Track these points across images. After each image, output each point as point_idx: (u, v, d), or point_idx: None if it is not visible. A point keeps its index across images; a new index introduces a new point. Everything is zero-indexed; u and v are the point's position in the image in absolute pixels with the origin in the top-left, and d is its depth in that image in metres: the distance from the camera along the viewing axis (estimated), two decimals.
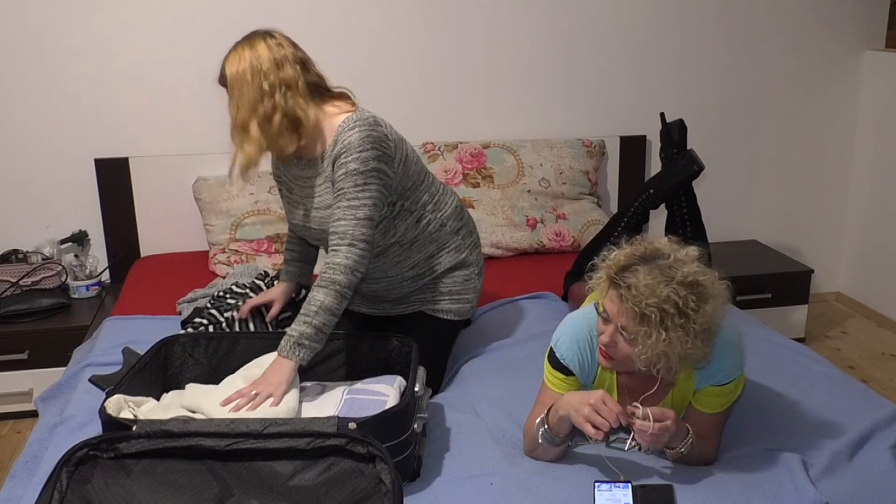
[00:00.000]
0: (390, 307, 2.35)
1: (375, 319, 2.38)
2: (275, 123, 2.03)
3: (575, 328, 1.82)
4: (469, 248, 2.34)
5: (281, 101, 2.03)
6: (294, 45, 2.10)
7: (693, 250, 1.69)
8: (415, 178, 2.21)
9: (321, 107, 2.12)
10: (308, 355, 1.92)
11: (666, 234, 2.75)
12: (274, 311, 2.33)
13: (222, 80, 2.08)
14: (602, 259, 1.74)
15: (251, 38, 2.07)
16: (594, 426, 1.65)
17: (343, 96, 2.17)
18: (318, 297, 1.96)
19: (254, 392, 1.84)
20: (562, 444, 1.79)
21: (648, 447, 1.69)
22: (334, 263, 1.99)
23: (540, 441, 1.79)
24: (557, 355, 1.83)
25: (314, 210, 2.16)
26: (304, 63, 2.10)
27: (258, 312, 2.39)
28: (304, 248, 2.37)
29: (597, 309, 1.74)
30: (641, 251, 1.68)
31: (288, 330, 1.94)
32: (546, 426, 1.76)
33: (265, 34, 2.08)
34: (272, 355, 1.96)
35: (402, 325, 2.33)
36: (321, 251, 2.40)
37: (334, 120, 2.10)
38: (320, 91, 2.13)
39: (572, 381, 1.83)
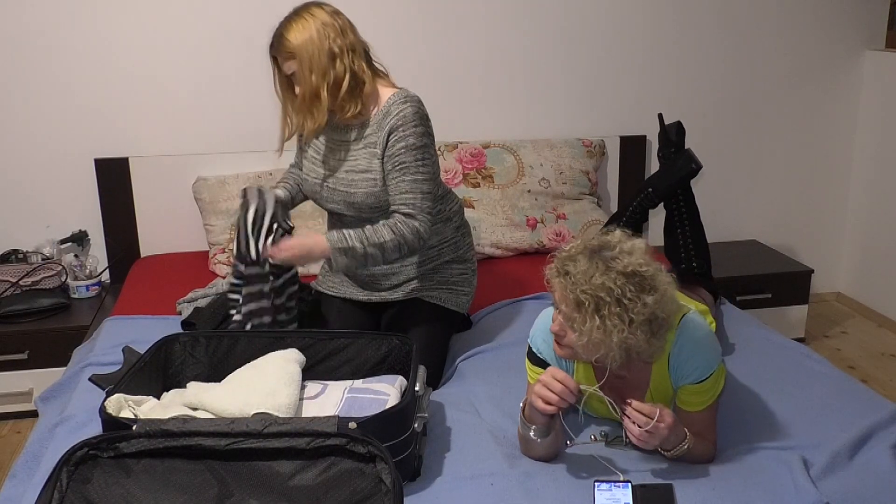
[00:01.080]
0: (387, 293, 2.38)
1: (372, 307, 2.41)
2: (343, 87, 2.13)
3: (548, 322, 1.84)
4: (466, 247, 2.43)
5: (350, 64, 2.14)
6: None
7: (640, 242, 1.71)
8: (435, 167, 2.30)
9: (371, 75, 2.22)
10: (343, 264, 2.12)
11: (665, 234, 2.78)
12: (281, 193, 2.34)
13: (280, 51, 2.13)
14: (559, 251, 1.77)
15: (307, 8, 2.15)
16: (545, 401, 1.68)
17: (383, 73, 2.28)
18: (384, 235, 2.13)
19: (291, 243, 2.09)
20: (541, 434, 1.79)
21: (640, 438, 1.70)
22: (409, 223, 2.14)
23: (521, 432, 1.80)
24: (533, 349, 1.88)
25: (345, 172, 2.24)
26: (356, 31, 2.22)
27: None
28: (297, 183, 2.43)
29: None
30: (591, 243, 1.70)
31: (346, 232, 2.12)
32: (522, 415, 1.80)
33: (318, 4, 2.17)
34: (273, 355, 1.96)
35: (400, 313, 2.37)
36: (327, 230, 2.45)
37: (383, 91, 2.21)
38: (368, 60, 2.23)
39: None
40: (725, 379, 1.86)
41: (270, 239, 2.15)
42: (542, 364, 1.86)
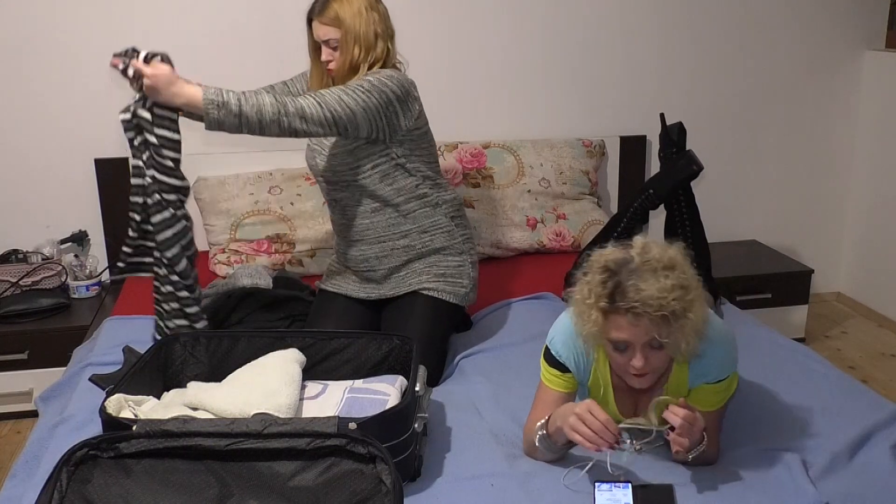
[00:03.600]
0: (385, 288, 2.39)
1: (372, 305, 2.41)
2: (379, 67, 2.23)
3: (569, 325, 1.82)
4: (462, 238, 2.43)
5: (387, 47, 2.27)
6: None
7: (637, 238, 1.69)
8: (423, 146, 2.35)
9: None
10: (214, 119, 2.03)
11: (665, 234, 2.78)
12: None
13: (324, 15, 2.19)
14: (570, 302, 1.72)
15: None
16: (581, 436, 1.64)
17: (400, 65, 2.37)
18: (264, 99, 2.06)
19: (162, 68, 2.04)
20: (560, 451, 1.79)
21: (685, 450, 1.66)
22: (296, 101, 2.09)
23: (538, 445, 1.79)
24: (553, 352, 1.84)
25: (330, 149, 2.33)
26: None
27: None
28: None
29: (607, 347, 1.69)
30: (609, 268, 1.64)
31: (223, 89, 2.04)
32: (545, 432, 1.77)
33: None
34: (273, 355, 1.96)
35: (400, 308, 2.37)
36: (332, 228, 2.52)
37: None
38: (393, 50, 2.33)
39: (569, 378, 1.83)
40: (738, 382, 1.85)
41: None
42: (560, 367, 1.83)
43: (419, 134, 2.33)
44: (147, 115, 2.09)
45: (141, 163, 2.13)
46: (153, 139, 2.09)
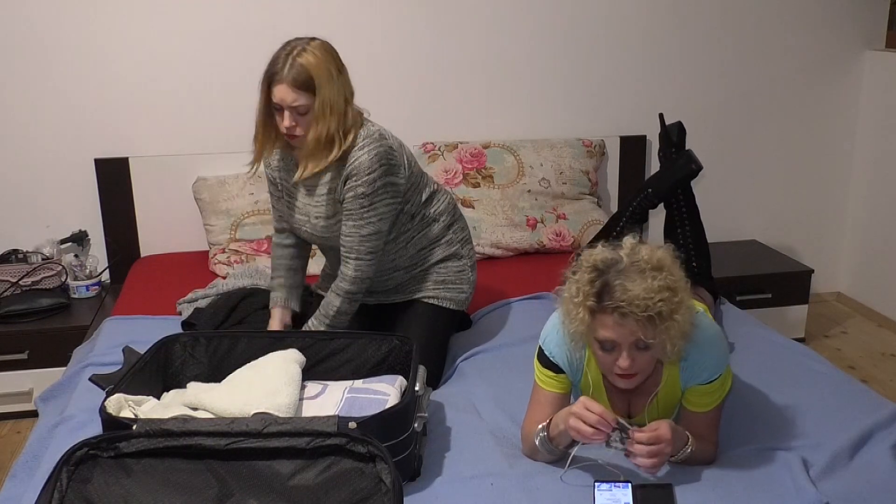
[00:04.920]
0: (383, 296, 2.39)
1: (372, 309, 2.42)
2: (349, 137, 2.10)
3: (560, 326, 1.82)
4: (460, 243, 2.40)
5: (353, 111, 2.12)
6: None
7: (627, 238, 1.70)
8: (413, 180, 2.27)
9: None
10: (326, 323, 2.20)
11: (665, 234, 2.78)
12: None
13: (295, 80, 2.01)
14: (558, 301, 1.72)
15: (316, 42, 2.07)
16: (582, 434, 1.65)
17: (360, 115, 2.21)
18: (335, 304, 2.22)
19: None
20: (561, 453, 1.79)
21: (652, 469, 1.67)
22: (345, 275, 2.21)
23: (538, 447, 1.79)
24: (546, 353, 1.84)
25: (315, 219, 2.25)
26: None
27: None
28: (289, 273, 2.41)
29: (594, 345, 1.70)
30: (597, 267, 1.65)
31: (309, 323, 2.22)
32: (545, 434, 1.77)
33: (319, 40, 2.09)
34: (273, 355, 1.96)
35: (399, 315, 2.36)
36: (311, 257, 2.52)
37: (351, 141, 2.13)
38: None
39: (563, 379, 1.83)
40: (731, 380, 1.85)
41: None
42: (553, 367, 1.83)
43: (408, 168, 2.25)
44: None
45: None
46: None
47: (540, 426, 1.78)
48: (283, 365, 1.92)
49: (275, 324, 2.35)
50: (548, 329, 1.86)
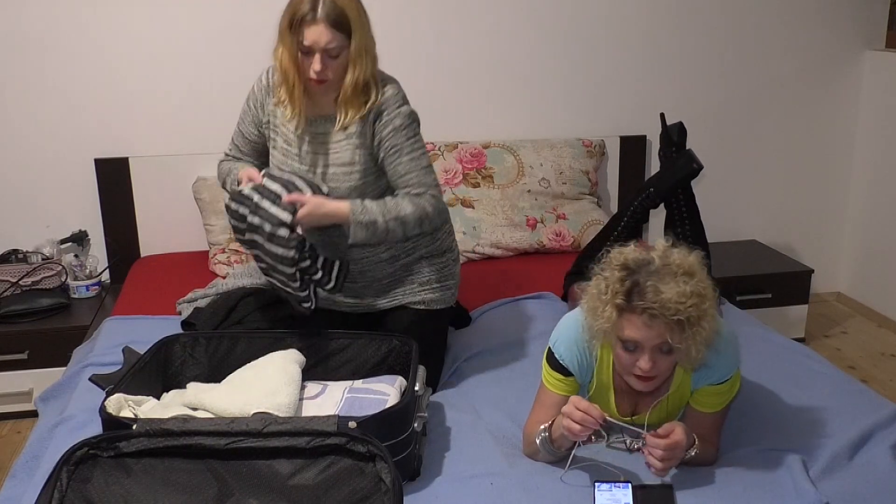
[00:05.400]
0: (371, 300, 2.28)
1: (362, 319, 2.33)
2: (376, 79, 2.05)
3: (572, 328, 1.82)
4: (444, 234, 2.31)
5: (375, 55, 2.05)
6: None
7: (659, 241, 1.69)
8: None
9: None
10: (361, 238, 2.02)
11: (665, 234, 2.78)
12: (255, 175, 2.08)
13: (332, 19, 1.93)
14: (584, 296, 1.71)
15: None
16: (571, 432, 1.66)
17: None
18: (404, 207, 2.05)
19: (308, 195, 1.94)
20: (561, 455, 1.79)
21: (663, 472, 1.68)
22: (427, 198, 2.07)
23: (539, 447, 1.79)
24: (556, 356, 1.83)
25: (324, 166, 2.13)
26: None
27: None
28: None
29: (617, 344, 1.68)
30: (628, 266, 1.64)
31: (367, 204, 2.02)
32: (547, 434, 1.77)
33: None
34: (272, 355, 1.96)
35: (391, 327, 2.27)
36: None
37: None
38: None
39: (571, 382, 1.83)
40: (740, 382, 1.85)
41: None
42: (562, 370, 1.82)
43: None
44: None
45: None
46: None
47: (542, 427, 1.78)
48: (282, 365, 1.92)
49: (251, 170, 2.10)
50: (559, 331, 1.85)
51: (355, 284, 2.27)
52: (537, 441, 1.78)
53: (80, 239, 3.24)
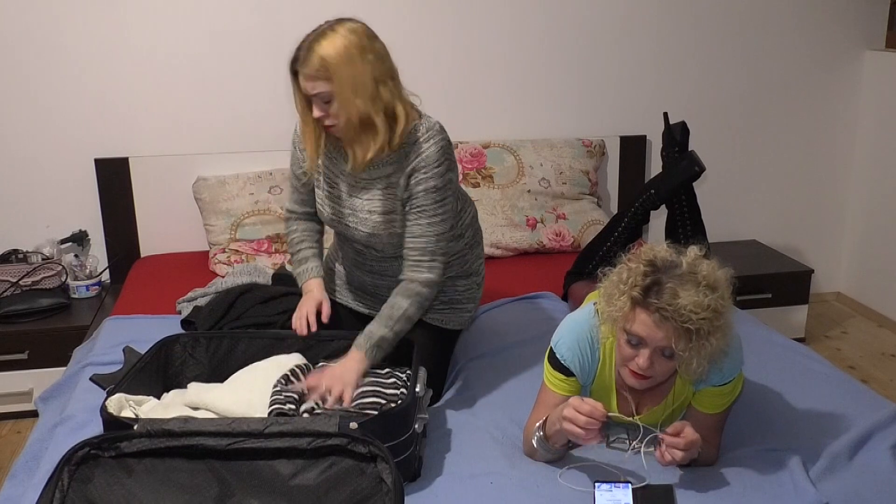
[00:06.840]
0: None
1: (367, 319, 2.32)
2: (400, 118, 1.96)
3: (575, 329, 1.82)
4: (474, 258, 2.30)
5: (395, 91, 1.96)
6: None
7: (693, 248, 1.69)
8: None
9: None
10: (381, 357, 1.97)
11: (666, 234, 2.78)
12: (326, 310, 2.10)
13: (308, 67, 1.89)
14: (604, 280, 1.70)
15: (341, 23, 1.94)
16: (574, 434, 1.66)
17: (410, 102, 2.07)
18: (403, 306, 2.00)
19: (324, 387, 1.84)
20: (558, 452, 1.79)
21: (680, 462, 1.68)
22: (420, 278, 2.02)
23: (536, 447, 1.79)
24: (558, 356, 1.82)
25: (367, 213, 2.08)
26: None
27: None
28: (318, 246, 2.26)
29: (622, 332, 1.68)
30: (655, 263, 1.64)
31: (368, 328, 1.97)
32: (542, 433, 1.77)
33: (351, 20, 1.96)
34: (274, 358, 1.96)
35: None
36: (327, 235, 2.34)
37: (405, 124, 2.00)
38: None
39: (572, 382, 1.83)
40: (743, 384, 1.85)
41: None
42: (564, 370, 1.82)
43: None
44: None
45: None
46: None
47: (536, 425, 1.78)
48: (286, 365, 1.92)
49: (316, 294, 2.11)
50: (561, 331, 1.85)
51: (378, 294, 2.24)
52: (533, 441, 1.78)
53: (80, 239, 3.24)
